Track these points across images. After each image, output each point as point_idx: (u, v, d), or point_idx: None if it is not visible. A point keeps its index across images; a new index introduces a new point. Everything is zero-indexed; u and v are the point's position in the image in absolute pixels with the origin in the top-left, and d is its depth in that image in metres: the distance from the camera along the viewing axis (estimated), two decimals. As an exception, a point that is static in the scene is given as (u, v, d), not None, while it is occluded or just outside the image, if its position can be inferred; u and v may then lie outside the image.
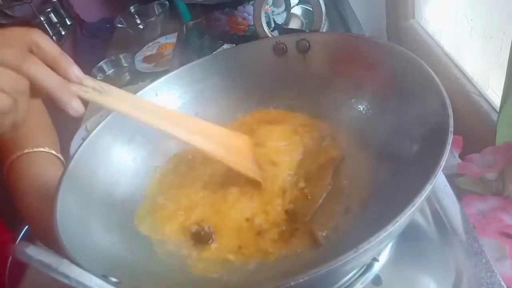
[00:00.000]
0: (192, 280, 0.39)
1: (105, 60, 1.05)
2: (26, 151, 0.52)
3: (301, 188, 0.44)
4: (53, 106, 0.36)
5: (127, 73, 0.99)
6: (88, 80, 0.36)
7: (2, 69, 0.30)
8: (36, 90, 0.32)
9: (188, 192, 0.49)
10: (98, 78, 1.01)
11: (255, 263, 0.39)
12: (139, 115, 0.40)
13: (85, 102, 0.36)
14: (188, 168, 0.52)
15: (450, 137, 0.33)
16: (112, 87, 0.39)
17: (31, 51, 0.32)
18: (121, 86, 0.97)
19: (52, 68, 0.33)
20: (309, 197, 0.43)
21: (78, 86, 0.35)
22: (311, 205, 0.42)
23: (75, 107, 0.34)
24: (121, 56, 1.05)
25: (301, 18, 0.85)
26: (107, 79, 1.01)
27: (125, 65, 1.04)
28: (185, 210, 0.47)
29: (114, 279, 0.30)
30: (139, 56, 1.04)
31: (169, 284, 0.39)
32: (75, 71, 0.35)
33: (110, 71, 1.04)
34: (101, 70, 1.03)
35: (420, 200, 0.29)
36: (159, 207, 0.47)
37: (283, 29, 0.76)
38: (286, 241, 0.40)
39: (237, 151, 0.47)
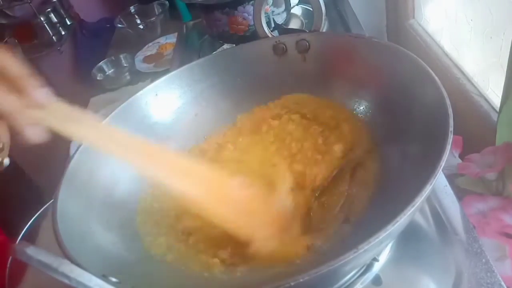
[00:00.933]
0: (192, 280, 0.39)
1: (105, 60, 1.05)
2: None
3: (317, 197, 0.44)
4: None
5: (127, 73, 0.99)
6: (56, 105, 0.33)
7: None
8: None
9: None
10: (98, 78, 1.00)
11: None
12: (108, 147, 0.36)
13: (86, 102, 0.36)
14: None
15: (450, 137, 0.33)
16: (84, 114, 0.35)
17: None
18: (121, 86, 0.97)
19: (17, 90, 0.30)
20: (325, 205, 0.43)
21: (42, 112, 0.32)
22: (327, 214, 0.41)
23: (31, 135, 0.31)
24: (121, 56, 1.05)
25: (301, 18, 0.85)
26: (107, 79, 1.01)
27: (125, 65, 1.04)
28: (185, 210, 0.47)
29: (114, 279, 0.30)
30: (139, 56, 1.04)
31: (168, 284, 0.39)
32: (40, 94, 0.31)
33: (110, 71, 1.04)
34: (101, 70, 1.03)
35: (420, 200, 0.29)
36: (159, 207, 0.47)
37: (283, 29, 0.76)
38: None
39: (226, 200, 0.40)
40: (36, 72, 0.31)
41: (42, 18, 1.18)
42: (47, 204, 0.58)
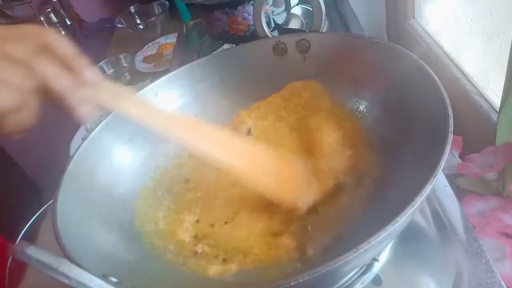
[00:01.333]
0: (192, 280, 0.39)
1: (105, 60, 1.05)
2: None
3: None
4: (53, 108, 0.36)
5: (127, 73, 0.99)
6: (105, 84, 0.34)
7: (12, 66, 0.28)
8: (46, 92, 0.30)
9: (188, 192, 0.49)
10: (98, 78, 1.01)
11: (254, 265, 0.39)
12: (156, 124, 0.38)
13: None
14: (188, 168, 0.52)
15: (450, 137, 0.33)
16: (130, 92, 0.37)
17: (45, 50, 0.30)
18: (121, 86, 0.97)
19: (66, 69, 0.31)
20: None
21: (92, 91, 0.33)
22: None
23: (81, 113, 0.31)
24: (121, 56, 1.05)
25: (301, 18, 0.85)
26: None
27: (125, 65, 1.04)
28: (185, 210, 0.47)
29: (114, 279, 0.30)
30: (139, 56, 1.04)
31: (168, 284, 0.39)
32: (89, 73, 0.32)
33: (110, 71, 1.04)
34: (101, 70, 1.03)
35: (420, 200, 0.29)
36: (158, 207, 0.47)
37: (283, 29, 0.76)
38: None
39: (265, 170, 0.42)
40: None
41: (42, 18, 1.18)
42: (47, 204, 0.58)
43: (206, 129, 0.41)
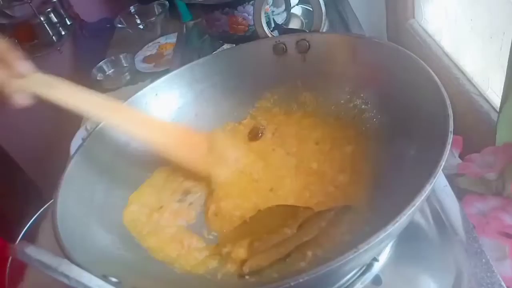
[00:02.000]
0: (192, 280, 0.39)
1: (105, 60, 1.05)
2: None
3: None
4: (53, 108, 0.37)
5: (127, 73, 0.99)
6: (37, 74, 0.38)
7: None
8: None
9: (188, 192, 0.49)
10: (98, 78, 1.00)
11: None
12: (84, 107, 0.41)
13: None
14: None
15: (450, 137, 0.33)
16: (61, 81, 0.40)
17: None
18: (121, 86, 0.97)
19: (1, 63, 0.34)
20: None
21: (25, 80, 0.37)
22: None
23: (19, 100, 0.35)
24: (121, 56, 1.05)
25: (301, 18, 0.85)
26: (107, 79, 1.01)
27: (125, 65, 1.04)
28: (185, 210, 0.47)
29: (114, 279, 0.30)
30: (139, 56, 1.03)
31: (168, 284, 0.39)
32: (22, 65, 0.36)
33: (110, 71, 1.04)
34: (101, 70, 1.03)
35: (420, 200, 0.29)
36: (158, 207, 0.47)
37: (283, 29, 0.76)
38: None
39: (189, 147, 0.47)
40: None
41: (42, 18, 1.18)
42: (47, 204, 0.58)
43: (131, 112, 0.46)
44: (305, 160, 0.48)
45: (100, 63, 1.03)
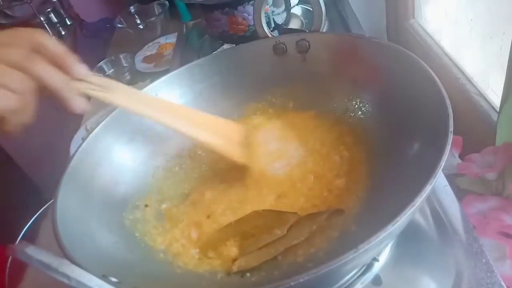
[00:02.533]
0: (192, 280, 0.39)
1: (105, 60, 1.05)
2: None
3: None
4: (54, 107, 0.37)
5: (127, 73, 0.99)
6: (93, 77, 0.37)
7: (9, 69, 0.31)
8: (42, 89, 0.33)
9: (188, 192, 0.49)
10: (98, 78, 1.00)
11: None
12: (142, 110, 0.41)
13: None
14: (188, 168, 0.52)
15: (450, 137, 0.33)
16: (117, 83, 0.40)
17: (35, 51, 0.33)
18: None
19: (57, 67, 0.34)
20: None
21: (83, 84, 0.36)
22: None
23: (78, 104, 0.35)
24: (121, 56, 1.05)
25: (301, 18, 0.85)
26: (107, 79, 1.01)
27: (125, 65, 1.04)
28: (184, 210, 0.47)
29: (114, 279, 0.30)
30: (139, 56, 1.03)
31: (169, 284, 0.39)
32: (79, 68, 0.35)
33: (110, 71, 1.04)
34: (101, 70, 1.03)
35: (420, 200, 0.29)
36: (158, 207, 0.47)
37: (283, 29, 0.76)
38: None
39: (226, 137, 0.47)
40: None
41: (42, 18, 1.17)
42: (47, 204, 0.58)
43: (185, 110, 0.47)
44: (303, 162, 0.48)
45: (100, 63, 1.03)
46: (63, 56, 0.34)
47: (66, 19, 1.28)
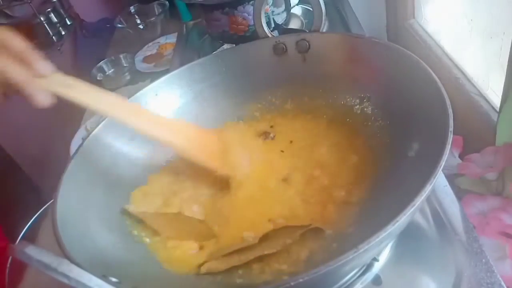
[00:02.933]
0: (192, 280, 0.39)
1: (105, 60, 1.05)
2: None
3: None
4: (53, 108, 0.37)
5: (127, 73, 0.99)
6: (57, 75, 0.38)
7: None
8: (6, 85, 0.35)
9: (188, 192, 0.49)
10: (98, 78, 1.00)
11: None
12: (103, 108, 0.41)
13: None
14: (187, 168, 0.52)
15: (450, 137, 0.33)
16: (80, 82, 0.41)
17: (0, 48, 0.34)
18: (121, 86, 0.96)
19: (22, 63, 0.35)
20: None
21: (46, 80, 0.37)
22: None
23: (40, 100, 0.36)
24: (121, 56, 1.05)
25: (301, 18, 0.85)
26: (107, 79, 1.01)
27: (125, 65, 1.04)
28: (185, 211, 0.47)
29: (114, 279, 0.30)
30: (139, 56, 1.03)
31: (169, 284, 0.39)
32: (43, 65, 0.37)
33: (110, 71, 1.04)
34: (101, 70, 1.03)
35: (420, 200, 0.29)
36: (158, 208, 0.47)
37: (283, 29, 0.76)
38: None
39: (203, 146, 0.47)
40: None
41: (42, 18, 1.17)
42: (47, 204, 0.58)
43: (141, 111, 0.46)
44: (301, 167, 0.48)
45: (100, 63, 1.03)
46: (27, 53, 0.35)
47: (66, 19, 1.27)
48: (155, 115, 0.46)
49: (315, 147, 0.49)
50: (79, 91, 0.40)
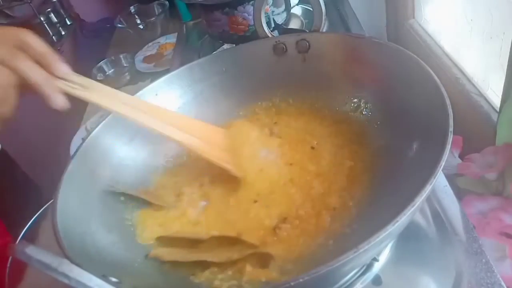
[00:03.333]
0: (192, 281, 0.39)
1: (105, 60, 1.05)
2: None
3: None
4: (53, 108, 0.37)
5: (127, 73, 0.99)
6: (74, 77, 0.39)
7: None
8: (24, 86, 0.35)
9: (188, 192, 0.49)
10: (98, 78, 1.00)
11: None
12: (120, 109, 0.41)
13: (86, 102, 0.36)
14: (188, 168, 0.52)
15: (450, 137, 0.33)
16: (97, 84, 0.41)
17: (20, 49, 0.35)
18: (121, 86, 0.97)
19: (40, 65, 0.36)
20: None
21: (64, 82, 0.37)
22: None
23: (58, 101, 0.36)
24: (121, 56, 1.05)
25: (301, 18, 0.85)
26: (107, 79, 1.01)
27: (125, 65, 1.04)
28: (185, 210, 0.47)
29: (114, 279, 0.30)
30: (139, 56, 1.04)
31: (169, 284, 0.39)
32: (61, 67, 0.37)
33: (110, 71, 1.04)
34: (101, 70, 1.03)
35: (420, 200, 0.29)
36: (158, 207, 0.47)
37: (283, 29, 0.76)
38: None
39: (215, 144, 0.47)
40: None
41: (42, 18, 1.17)
42: (47, 204, 0.58)
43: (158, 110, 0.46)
44: (299, 168, 0.47)
45: (100, 63, 1.04)
46: (46, 55, 0.36)
47: (66, 19, 1.28)
48: (174, 114, 0.47)
49: (310, 150, 0.49)
50: (97, 93, 0.40)
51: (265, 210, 0.43)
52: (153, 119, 0.43)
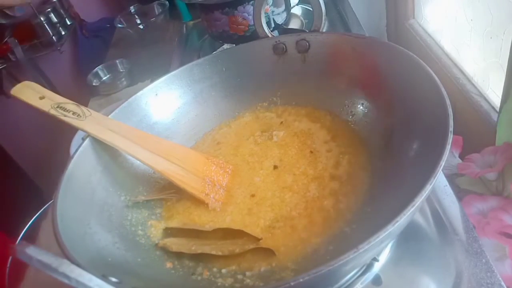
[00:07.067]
0: (192, 281, 0.39)
1: (100, 66, 1.03)
2: None
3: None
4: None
5: (123, 79, 0.97)
6: (68, 105, 0.41)
7: None
8: None
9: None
10: (94, 84, 0.98)
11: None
12: (109, 138, 0.45)
13: (86, 103, 0.37)
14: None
15: (450, 137, 0.33)
16: (90, 111, 0.44)
17: None
18: (117, 91, 0.94)
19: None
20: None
21: (58, 110, 0.41)
22: None
23: None
24: (117, 61, 1.03)
25: (301, 18, 0.85)
26: (103, 85, 0.98)
27: (121, 70, 1.02)
28: (185, 210, 0.47)
29: (114, 279, 0.30)
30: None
31: (169, 284, 0.39)
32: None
33: (106, 77, 1.02)
34: (97, 76, 1.01)
35: (420, 200, 0.29)
36: (158, 207, 0.47)
37: (283, 29, 0.76)
38: None
39: (191, 171, 0.47)
40: (36, 72, 0.37)
41: (42, 18, 1.17)
42: (47, 204, 0.58)
43: (146, 137, 0.47)
44: (300, 164, 0.48)
45: (96, 69, 1.01)
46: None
47: (66, 19, 1.28)
48: (159, 140, 0.48)
49: (309, 152, 0.49)
50: (88, 122, 0.44)
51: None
52: (138, 147, 0.45)
